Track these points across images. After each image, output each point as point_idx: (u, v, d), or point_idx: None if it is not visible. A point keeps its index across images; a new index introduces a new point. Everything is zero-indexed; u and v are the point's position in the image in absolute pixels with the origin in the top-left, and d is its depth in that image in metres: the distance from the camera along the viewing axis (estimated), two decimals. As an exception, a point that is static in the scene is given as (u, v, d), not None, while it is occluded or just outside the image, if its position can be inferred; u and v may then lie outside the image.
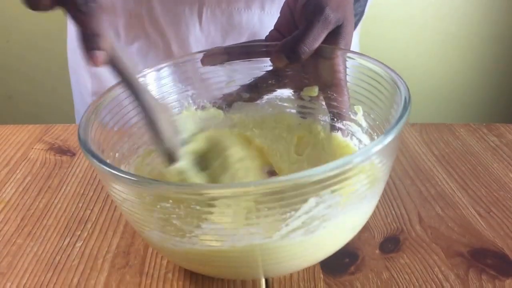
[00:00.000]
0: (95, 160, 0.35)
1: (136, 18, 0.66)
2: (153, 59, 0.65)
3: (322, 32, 0.45)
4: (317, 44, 0.45)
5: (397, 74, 0.43)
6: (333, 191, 0.35)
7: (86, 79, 0.72)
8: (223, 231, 0.35)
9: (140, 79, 0.45)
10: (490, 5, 1.56)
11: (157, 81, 0.48)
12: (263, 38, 0.52)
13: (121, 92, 0.44)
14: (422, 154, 0.62)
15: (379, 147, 0.35)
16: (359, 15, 0.67)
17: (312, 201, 0.34)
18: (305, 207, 0.34)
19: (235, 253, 0.36)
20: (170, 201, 0.34)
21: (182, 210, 0.34)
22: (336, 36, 0.47)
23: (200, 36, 0.66)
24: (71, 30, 0.74)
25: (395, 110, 0.40)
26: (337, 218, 0.37)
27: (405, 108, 0.38)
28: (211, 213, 0.34)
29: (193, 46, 0.66)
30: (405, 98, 0.39)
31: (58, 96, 1.51)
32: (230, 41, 0.65)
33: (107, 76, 0.42)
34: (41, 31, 1.46)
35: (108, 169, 0.34)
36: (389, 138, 0.35)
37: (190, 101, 0.50)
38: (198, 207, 0.34)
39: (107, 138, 0.43)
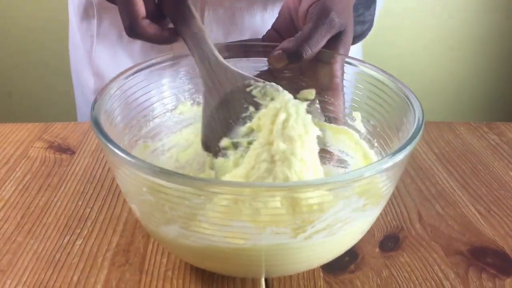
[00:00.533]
0: (122, 154, 0.35)
1: None
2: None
3: (325, 35, 0.45)
4: (320, 46, 0.45)
5: (407, 87, 0.44)
6: (360, 195, 0.36)
7: (88, 78, 0.72)
8: (250, 230, 0.35)
9: (142, 71, 0.46)
10: (491, 3, 1.56)
11: (156, 75, 0.48)
12: None
13: (121, 85, 0.44)
14: (422, 152, 0.62)
15: (401, 156, 0.36)
16: (368, 23, 0.67)
17: (341, 203, 0.35)
18: (334, 209, 0.35)
19: (255, 252, 0.36)
20: (202, 197, 0.34)
21: (216, 207, 0.35)
22: (336, 41, 0.47)
23: None
24: (73, 28, 0.74)
25: (405, 125, 0.41)
26: (357, 221, 0.38)
27: (418, 128, 0.39)
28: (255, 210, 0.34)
29: None
30: (419, 119, 0.40)
31: (57, 94, 1.51)
32: (232, 41, 0.65)
33: (110, 74, 0.42)
34: (40, 28, 1.46)
35: (135, 161, 0.34)
36: (404, 153, 0.36)
37: (187, 96, 0.50)
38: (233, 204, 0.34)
39: (111, 130, 0.42)
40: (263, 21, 0.65)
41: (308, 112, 0.49)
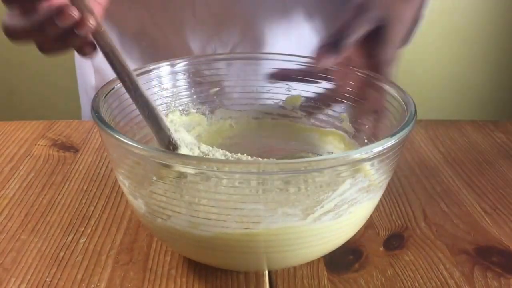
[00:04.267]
0: (133, 143, 0.35)
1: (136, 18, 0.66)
2: (156, 56, 0.65)
3: (361, 24, 0.47)
4: (355, 35, 0.46)
5: (398, 85, 0.45)
6: (365, 175, 0.37)
7: (90, 74, 0.73)
8: (261, 212, 0.36)
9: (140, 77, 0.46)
10: (498, 1, 1.55)
11: (148, 81, 0.48)
12: (257, 27, 0.52)
13: (116, 90, 0.44)
14: (428, 151, 0.61)
15: (402, 136, 0.37)
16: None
17: (348, 183, 0.36)
18: (341, 188, 0.36)
19: (266, 237, 0.37)
20: (214, 178, 0.35)
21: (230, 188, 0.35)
22: (378, 36, 0.48)
23: (196, 29, 0.65)
24: None
25: (396, 120, 0.42)
26: (361, 204, 0.39)
27: (411, 117, 0.40)
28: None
29: (189, 39, 0.66)
30: (411, 111, 0.41)
31: (61, 92, 1.51)
32: (225, 31, 0.65)
33: (110, 71, 0.42)
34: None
35: (143, 147, 0.35)
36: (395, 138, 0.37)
37: (177, 105, 0.50)
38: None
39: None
40: (254, 8, 0.64)
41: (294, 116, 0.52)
